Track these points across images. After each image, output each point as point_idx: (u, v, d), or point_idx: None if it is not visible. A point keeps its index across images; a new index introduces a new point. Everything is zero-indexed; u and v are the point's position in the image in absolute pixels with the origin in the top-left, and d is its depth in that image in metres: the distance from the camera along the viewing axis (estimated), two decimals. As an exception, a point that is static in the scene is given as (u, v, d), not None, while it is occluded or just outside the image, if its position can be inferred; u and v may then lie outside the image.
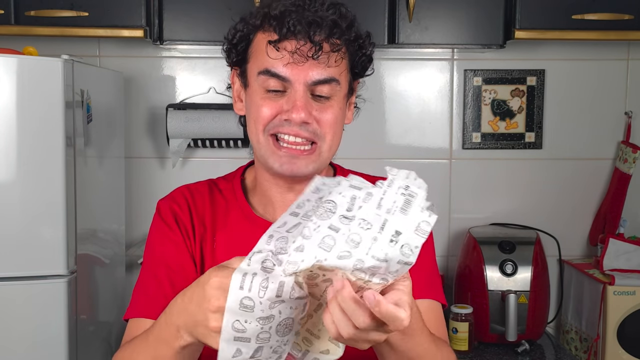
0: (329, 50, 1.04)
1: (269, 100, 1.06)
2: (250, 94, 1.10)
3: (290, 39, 1.03)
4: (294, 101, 1.04)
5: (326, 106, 1.07)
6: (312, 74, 1.04)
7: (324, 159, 1.10)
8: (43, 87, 1.69)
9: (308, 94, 1.05)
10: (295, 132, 1.05)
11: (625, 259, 2.25)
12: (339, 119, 1.09)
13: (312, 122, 1.05)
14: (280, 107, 1.05)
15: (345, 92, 1.10)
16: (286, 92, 1.05)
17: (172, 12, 2.06)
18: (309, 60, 1.03)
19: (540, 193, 2.48)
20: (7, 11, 1.99)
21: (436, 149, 2.46)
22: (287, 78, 1.04)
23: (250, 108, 1.10)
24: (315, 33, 1.02)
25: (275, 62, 1.04)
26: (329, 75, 1.05)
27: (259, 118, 1.07)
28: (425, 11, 2.08)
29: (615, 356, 2.16)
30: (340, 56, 1.06)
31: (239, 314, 0.75)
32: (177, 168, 2.39)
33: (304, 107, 1.04)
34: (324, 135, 1.07)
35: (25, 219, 1.71)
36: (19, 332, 1.71)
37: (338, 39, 1.05)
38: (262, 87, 1.07)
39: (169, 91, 2.40)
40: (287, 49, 1.03)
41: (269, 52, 1.04)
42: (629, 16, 2.08)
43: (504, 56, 2.42)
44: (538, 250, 2.23)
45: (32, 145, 1.70)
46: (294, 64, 1.03)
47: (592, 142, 2.48)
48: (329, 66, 1.04)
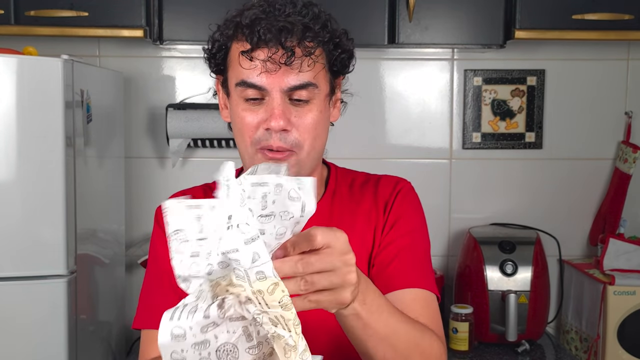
0: (301, 55, 1.04)
1: (249, 111, 1.08)
2: (232, 104, 1.11)
3: (262, 48, 1.03)
4: (271, 109, 1.05)
5: (305, 110, 1.07)
6: (287, 80, 1.04)
7: (303, 163, 1.10)
8: (43, 87, 1.69)
9: (286, 100, 1.06)
10: (277, 144, 1.06)
11: (625, 259, 2.25)
12: (319, 122, 1.09)
13: (292, 130, 1.06)
14: (261, 118, 1.07)
15: (325, 92, 1.11)
16: (264, 99, 1.06)
17: (172, 12, 2.06)
18: (282, 67, 1.03)
19: (540, 193, 2.48)
20: (7, 11, 1.99)
21: (436, 149, 2.46)
22: (262, 87, 1.05)
23: (234, 117, 1.12)
24: (286, 39, 1.02)
25: (249, 72, 1.04)
26: (304, 80, 1.05)
27: (243, 128, 1.09)
28: (425, 11, 2.08)
29: (615, 356, 2.16)
30: (313, 60, 1.05)
31: (172, 345, 0.74)
32: (177, 168, 2.39)
33: (282, 114, 1.05)
34: (302, 143, 1.08)
35: (25, 219, 1.71)
36: (19, 332, 1.71)
37: (311, 42, 1.05)
38: (241, 97, 1.08)
39: (169, 91, 2.40)
40: (259, 58, 1.03)
41: (242, 62, 1.05)
42: (629, 16, 2.08)
43: (504, 56, 2.42)
44: (538, 250, 2.23)
45: (32, 145, 1.70)
46: (267, 73, 1.03)
47: (592, 142, 2.48)
48: (303, 71, 1.04)
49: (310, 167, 1.15)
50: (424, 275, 1.14)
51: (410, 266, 1.13)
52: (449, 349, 2.16)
